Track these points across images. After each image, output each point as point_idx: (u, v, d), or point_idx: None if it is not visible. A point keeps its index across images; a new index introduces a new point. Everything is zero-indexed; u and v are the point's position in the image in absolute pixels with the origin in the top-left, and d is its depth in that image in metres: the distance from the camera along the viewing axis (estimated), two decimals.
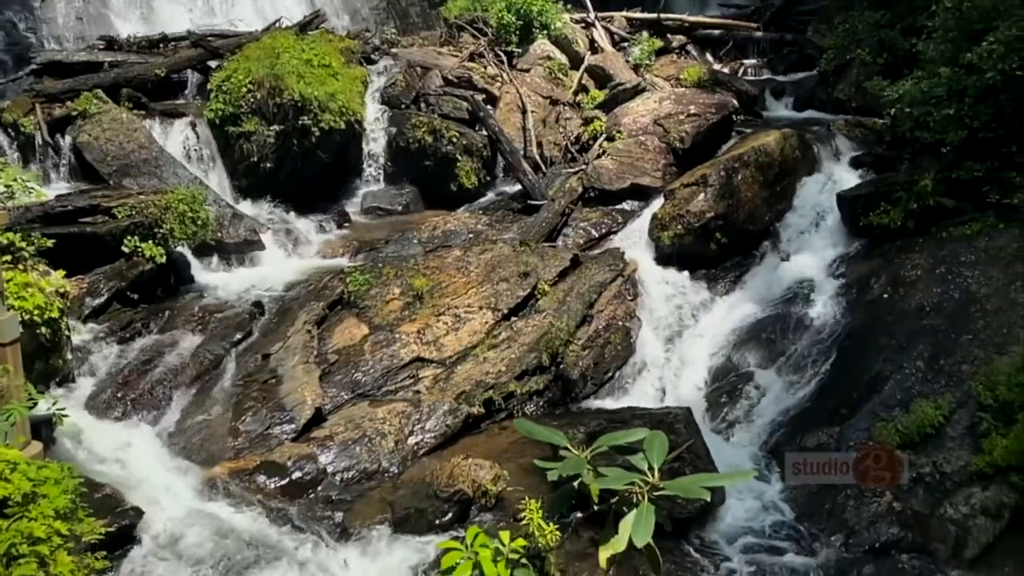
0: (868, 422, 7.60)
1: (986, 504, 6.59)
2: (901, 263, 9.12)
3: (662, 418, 7.77)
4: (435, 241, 11.04)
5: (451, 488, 6.89)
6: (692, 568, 6.36)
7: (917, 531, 6.56)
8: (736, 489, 7.38)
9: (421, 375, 8.77)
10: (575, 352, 9.42)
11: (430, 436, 8.04)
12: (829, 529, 6.77)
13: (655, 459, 3.13)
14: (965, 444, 7.02)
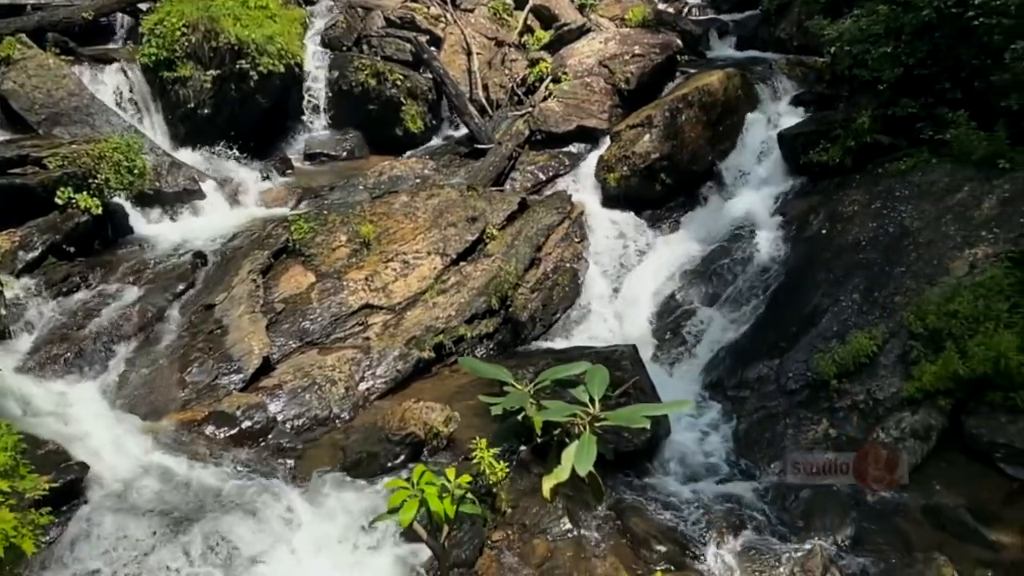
0: (806, 354, 7.82)
1: (915, 427, 6.86)
2: (839, 199, 9.28)
3: (608, 355, 7.87)
4: (381, 187, 10.85)
5: (403, 431, 6.91)
6: (639, 498, 6.52)
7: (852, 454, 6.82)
8: (682, 422, 7.56)
9: (370, 322, 8.71)
10: (524, 295, 9.45)
11: (381, 381, 8.03)
12: (769, 456, 7.00)
13: (596, 391, 3.15)
14: (897, 372, 7.28)
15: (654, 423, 7.23)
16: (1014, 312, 7.06)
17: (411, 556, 5.61)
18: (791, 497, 6.46)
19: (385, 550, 5.74)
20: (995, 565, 5.60)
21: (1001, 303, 7.10)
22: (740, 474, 6.93)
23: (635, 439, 7.01)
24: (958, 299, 7.26)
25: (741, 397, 7.86)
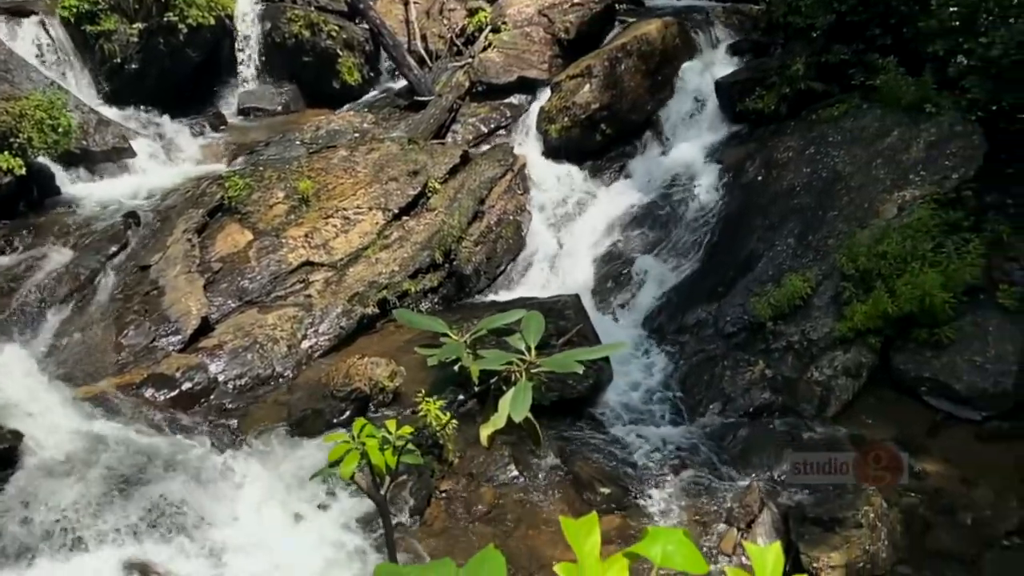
0: (743, 298, 7.94)
1: (847, 365, 7.06)
2: (774, 146, 9.36)
3: (552, 306, 7.87)
4: (319, 141, 10.55)
5: (348, 387, 6.83)
6: (584, 443, 6.60)
7: (786, 394, 7.00)
8: (625, 368, 7.63)
9: (311, 279, 8.53)
10: (468, 248, 9.36)
11: (324, 339, 7.91)
12: (708, 398, 7.13)
13: (532, 339, 3.08)
14: (829, 312, 7.45)
15: (597, 370, 7.30)
16: (938, 252, 7.26)
17: (357, 510, 5.58)
18: (730, 436, 6.61)
19: (333, 506, 5.70)
20: (920, 492, 5.84)
21: (927, 243, 7.29)
22: (681, 416, 7.05)
23: (579, 386, 7.06)
24: (887, 241, 7.43)
25: (681, 342, 7.97)
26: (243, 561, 5.19)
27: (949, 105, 8.47)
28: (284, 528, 5.48)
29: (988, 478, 5.91)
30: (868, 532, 5.19)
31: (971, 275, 7.08)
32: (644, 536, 1.49)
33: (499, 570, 1.50)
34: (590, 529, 1.49)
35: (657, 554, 1.48)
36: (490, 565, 1.50)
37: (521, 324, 3.46)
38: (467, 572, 1.48)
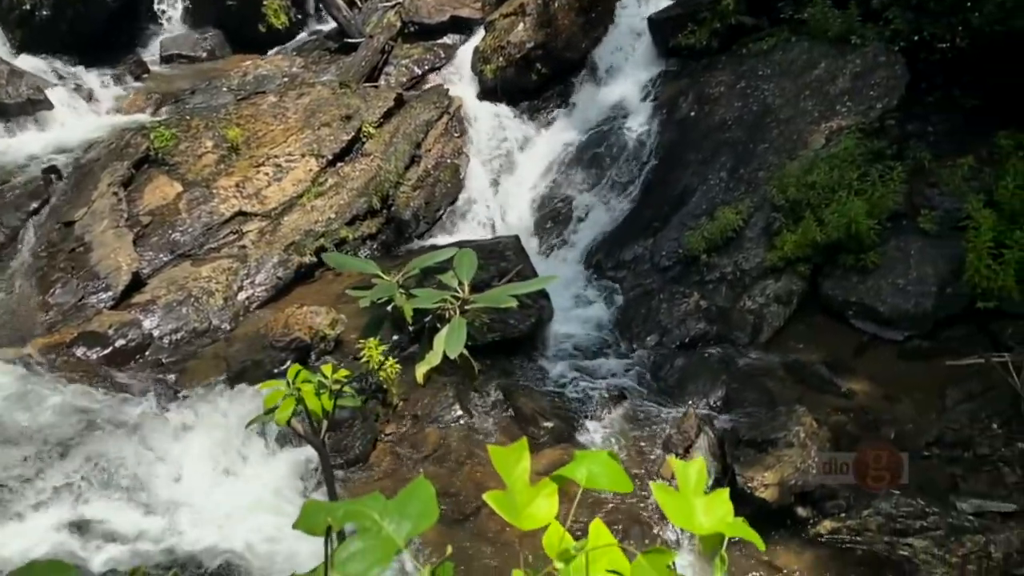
0: (678, 232, 8.01)
1: (778, 293, 7.23)
2: (706, 81, 9.35)
3: (492, 247, 7.82)
4: (247, 88, 10.15)
5: (287, 337, 6.71)
6: (527, 380, 6.64)
7: (720, 324, 7.14)
8: (564, 306, 7.67)
9: (245, 229, 8.29)
10: (406, 193, 9.20)
11: (261, 289, 7.73)
12: (646, 331, 7.23)
13: (464, 275, 3.02)
14: (761, 243, 7.58)
15: (538, 309, 7.31)
16: (863, 180, 7.41)
17: (302, 458, 5.54)
18: (667, 366, 6.73)
19: (279, 455, 5.64)
20: (848, 410, 6.06)
21: (853, 172, 7.43)
22: (620, 349, 7.15)
23: (520, 325, 7.07)
24: (815, 171, 7.54)
25: (619, 277, 8.03)
26: (188, 515, 5.11)
27: (873, 36, 8.55)
28: (229, 480, 5.41)
29: (910, 394, 6.16)
30: (799, 451, 5.37)
31: (894, 202, 7.26)
32: (572, 460, 1.48)
33: (428, 499, 1.47)
34: (519, 456, 1.47)
35: (583, 476, 1.47)
36: (420, 495, 1.47)
37: (454, 262, 3.41)
38: (396, 503, 1.45)
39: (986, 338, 6.45)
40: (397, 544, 1.41)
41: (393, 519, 1.44)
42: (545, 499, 1.44)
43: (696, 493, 1.42)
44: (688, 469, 1.45)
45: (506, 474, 1.47)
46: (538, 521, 1.42)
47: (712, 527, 1.37)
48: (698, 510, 1.42)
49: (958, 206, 7.09)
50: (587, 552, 1.40)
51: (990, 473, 5.36)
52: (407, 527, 1.43)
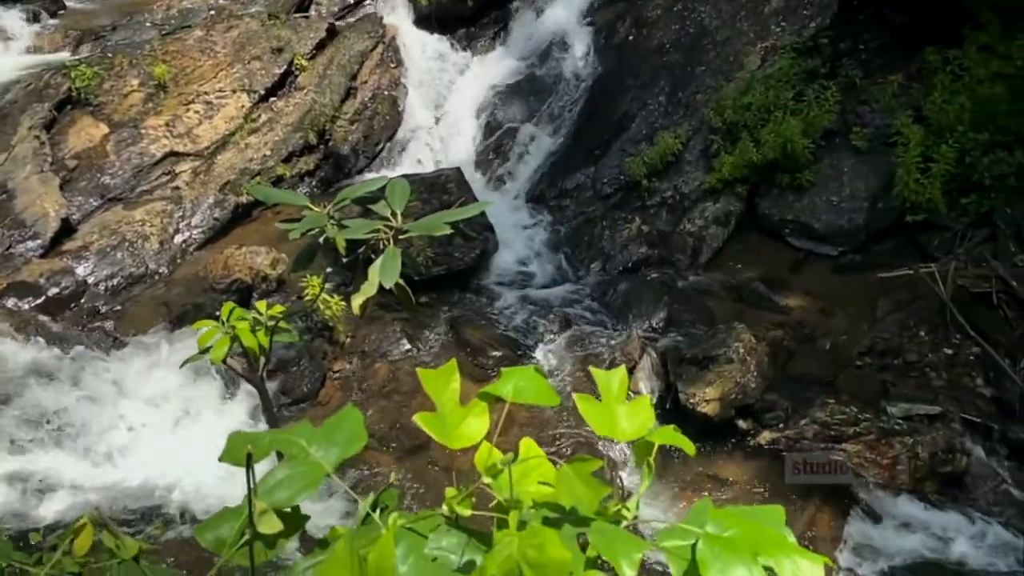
0: (618, 159, 7.97)
1: (717, 215, 7.29)
2: (643, 4, 9.16)
3: (434, 181, 7.68)
4: (171, 22, 9.60)
5: (228, 278, 6.54)
6: (473, 311, 6.63)
7: (662, 247, 7.18)
8: (508, 236, 7.62)
9: (178, 170, 7.97)
10: (343, 127, 8.93)
11: (198, 231, 7.48)
12: (589, 258, 7.24)
13: (397, 204, 2.91)
14: (700, 166, 7.60)
15: (483, 241, 7.26)
16: (798, 100, 7.43)
17: (248, 399, 5.47)
18: (611, 291, 6.77)
19: (225, 397, 5.55)
20: (785, 325, 6.20)
21: (788, 92, 7.44)
22: (565, 277, 7.16)
23: (465, 258, 7.02)
24: (751, 92, 7.53)
25: (562, 206, 7.99)
26: (133, 463, 5.02)
27: None
28: (174, 426, 5.31)
29: (843, 307, 6.33)
30: (739, 366, 5.50)
31: (828, 120, 7.31)
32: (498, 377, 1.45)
33: (357, 425, 1.43)
34: (448, 378, 1.43)
35: (509, 391, 1.45)
36: (348, 421, 1.43)
37: (386, 191, 3.31)
38: (324, 430, 1.41)
39: (915, 250, 6.63)
40: (325, 469, 1.37)
41: (321, 446, 1.40)
42: (475, 418, 1.41)
43: (618, 401, 1.41)
44: (610, 378, 1.43)
45: (436, 396, 1.44)
46: (469, 440, 1.39)
47: (634, 433, 1.35)
48: (620, 418, 1.40)
49: (888, 122, 7.19)
50: (511, 465, 1.38)
51: (918, 378, 5.58)
52: (335, 453, 1.39)
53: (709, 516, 1.16)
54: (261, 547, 1.41)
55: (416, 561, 1.36)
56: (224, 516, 1.46)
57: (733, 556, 1.10)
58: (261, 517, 1.38)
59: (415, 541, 1.37)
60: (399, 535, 1.37)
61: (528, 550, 1.18)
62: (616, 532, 1.24)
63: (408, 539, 1.37)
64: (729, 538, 1.14)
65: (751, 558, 1.08)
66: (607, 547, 1.20)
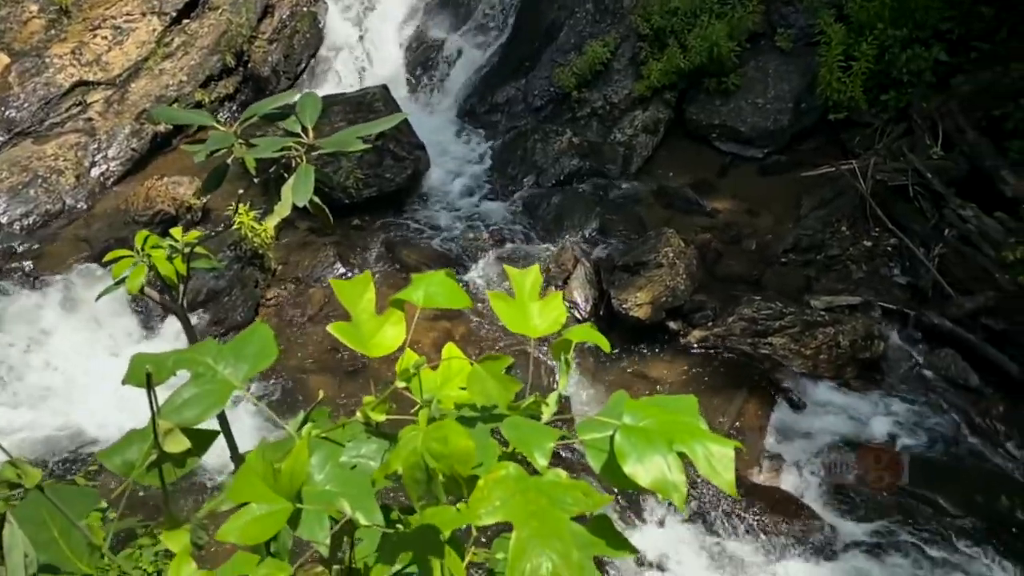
0: (548, 70, 7.80)
1: (646, 123, 7.24)
2: None
3: (360, 100, 7.40)
4: None
5: (150, 210, 6.28)
6: (408, 232, 6.52)
7: (593, 158, 7.13)
8: (440, 154, 7.47)
9: (89, 100, 7.51)
10: (262, 47, 8.49)
11: (115, 164, 7.12)
12: (522, 172, 7.15)
13: (308, 119, 2.77)
14: (628, 74, 7.49)
15: (414, 160, 7.10)
16: (724, 3, 7.34)
17: (176, 333, 5.33)
18: (544, 205, 6.73)
19: (154, 330, 5.40)
20: (713, 228, 6.29)
21: None
22: (498, 193, 7.07)
23: (397, 178, 6.87)
24: None
25: (493, 121, 7.83)
26: (62, 404, 4.87)
27: None
28: (102, 364, 5.15)
29: (769, 206, 6.43)
30: (668, 270, 5.56)
31: (753, 22, 7.25)
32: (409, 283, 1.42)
33: (266, 340, 1.38)
34: (363, 288, 1.39)
35: (420, 296, 1.41)
36: (256, 337, 1.38)
37: (297, 106, 3.16)
38: (232, 346, 1.36)
39: (837, 147, 6.74)
40: (233, 385, 1.33)
41: (228, 362, 1.35)
42: (392, 327, 1.38)
43: (531, 299, 1.39)
44: (524, 277, 1.41)
45: (351, 305, 1.40)
46: (387, 348, 1.36)
47: (546, 329, 1.34)
48: (533, 315, 1.39)
49: (812, 22, 7.16)
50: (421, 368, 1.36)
51: (839, 271, 5.75)
52: (244, 369, 1.34)
53: (625, 408, 1.16)
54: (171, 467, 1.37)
55: (332, 469, 1.34)
56: (130, 439, 1.41)
57: (649, 445, 1.10)
58: (167, 436, 1.33)
59: (332, 450, 1.35)
60: (315, 444, 1.34)
61: (432, 443, 1.17)
62: (528, 425, 1.23)
63: (324, 448, 1.35)
64: (645, 428, 1.14)
65: (666, 446, 1.09)
66: (520, 439, 1.19)
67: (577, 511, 1.12)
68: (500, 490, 1.13)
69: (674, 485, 1.01)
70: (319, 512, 1.26)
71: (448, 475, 1.18)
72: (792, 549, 4.21)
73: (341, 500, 1.26)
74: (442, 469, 1.17)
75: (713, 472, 1.03)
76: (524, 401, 1.29)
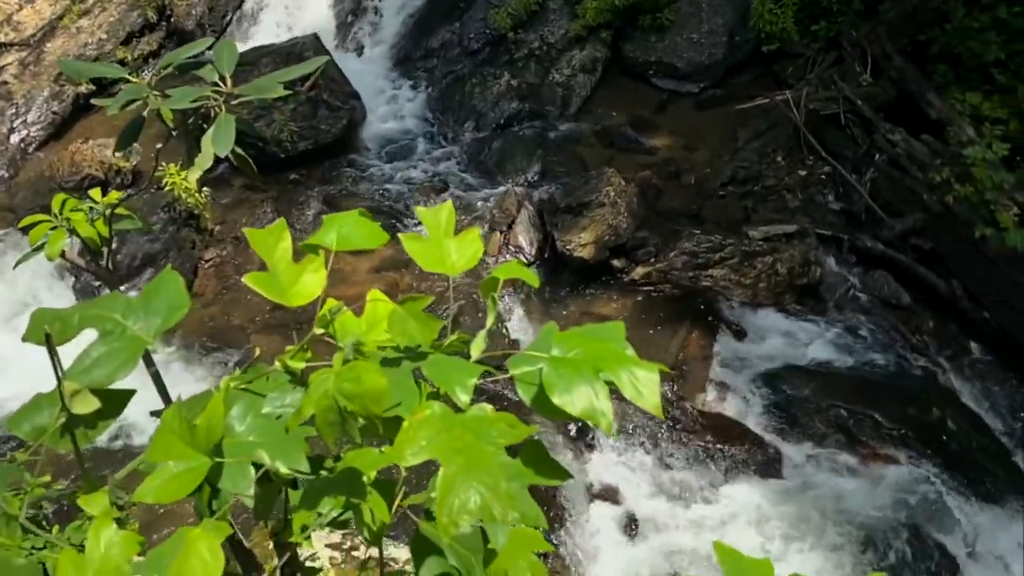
0: (483, 11, 7.59)
1: (584, 62, 7.14)
2: None
3: (290, 50, 7.11)
4: None
5: (77, 175, 6.01)
6: (347, 184, 6.37)
7: (532, 100, 7.00)
8: (377, 104, 7.27)
9: (2, 63, 7.09)
10: (184, 0, 8.09)
11: (36, 129, 6.76)
12: (462, 118, 6.99)
13: (225, 68, 2.63)
14: (564, 14, 7.34)
15: (349, 109, 6.90)
16: None
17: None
18: (485, 150, 6.62)
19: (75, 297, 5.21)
20: (652, 165, 6.28)
21: None
22: (438, 140, 6.93)
23: (333, 129, 6.68)
24: None
25: (429, 67, 7.62)
26: None
27: None
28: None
29: (706, 141, 6.44)
30: (610, 209, 5.55)
31: None
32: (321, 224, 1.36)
33: (176, 290, 1.32)
34: (278, 236, 1.33)
35: (333, 239, 1.36)
36: (166, 287, 1.31)
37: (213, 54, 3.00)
38: (140, 300, 1.29)
39: (771, 79, 6.75)
40: (145, 342, 1.26)
41: (138, 317, 1.28)
42: (311, 275, 1.33)
43: (446, 236, 1.35)
44: (436, 214, 1.36)
45: (267, 255, 1.34)
46: (306, 296, 1.32)
47: (464, 265, 1.30)
48: (450, 252, 1.35)
49: None
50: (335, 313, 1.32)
51: (775, 201, 5.82)
52: (156, 323, 1.27)
53: (553, 340, 1.13)
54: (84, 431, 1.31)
55: (254, 419, 1.30)
56: (38, 403, 1.34)
57: (576, 375, 1.09)
58: (74, 398, 1.27)
59: (252, 401, 1.31)
60: (235, 397, 1.30)
61: (344, 384, 1.14)
62: (450, 362, 1.20)
63: (245, 400, 1.31)
64: (572, 359, 1.12)
65: (593, 375, 1.08)
66: (441, 377, 1.17)
67: (504, 443, 1.10)
68: (426, 429, 1.11)
69: (602, 412, 1.00)
70: (241, 464, 1.23)
71: (364, 416, 1.15)
72: (738, 472, 4.33)
73: (259, 450, 1.23)
74: (356, 410, 1.14)
75: (639, 395, 1.02)
76: (447, 339, 1.26)
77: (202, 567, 1.08)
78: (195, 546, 1.09)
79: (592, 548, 3.98)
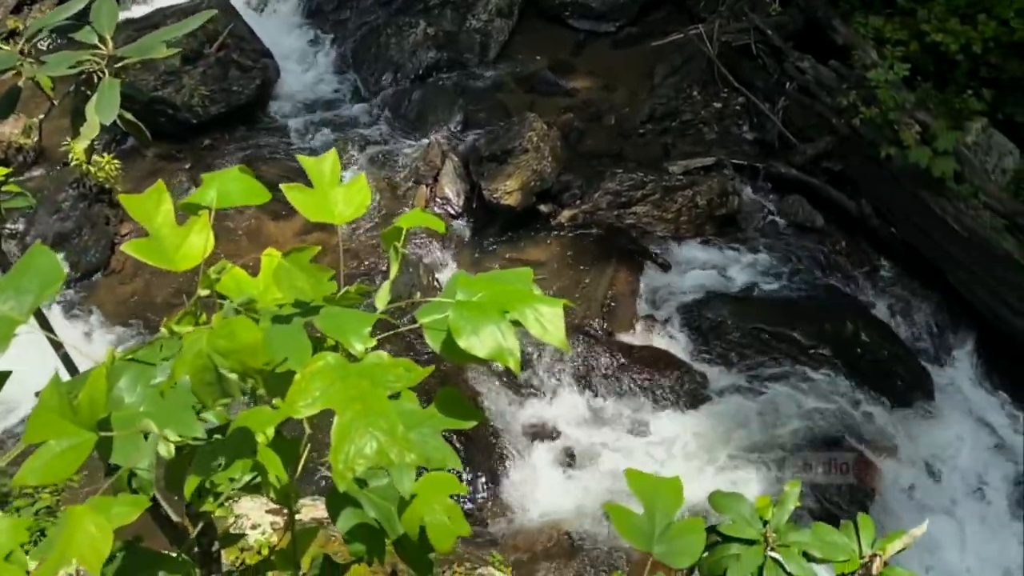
0: None
1: (500, 6, 6.97)
2: None
3: (196, 10, 6.76)
4: None
5: None
6: (265, 148, 6.15)
7: (450, 49, 6.82)
8: (290, 61, 6.98)
9: None
10: None
11: None
12: (379, 70, 6.77)
13: (105, 28, 2.45)
14: None
15: (261, 68, 6.63)
16: None
17: None
18: (405, 102, 6.45)
19: None
20: (573, 107, 6.24)
21: None
22: (356, 95, 6.71)
23: (245, 90, 6.41)
24: None
25: (343, 19, 7.33)
26: None
27: None
28: None
29: (624, 79, 6.41)
30: (534, 154, 5.50)
31: None
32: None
33: (48, 265, 1.23)
34: (158, 199, 1.25)
35: (212, 197, 1.30)
36: (37, 263, 1.23)
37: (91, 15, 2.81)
38: (9, 278, 1.20)
39: (684, 14, 6.73)
40: (17, 321, 1.18)
41: (8, 296, 1.20)
42: (196, 235, 1.26)
43: (331, 185, 1.30)
44: (320, 163, 1.31)
45: (147, 221, 1.26)
46: (194, 259, 1.25)
47: (352, 214, 1.25)
48: (336, 201, 1.30)
49: None
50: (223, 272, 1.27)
51: (693, 135, 5.86)
52: (28, 300, 1.19)
53: (459, 285, 1.11)
54: None
55: (144, 390, 1.24)
56: None
57: (483, 317, 1.07)
58: None
59: (141, 370, 1.25)
60: (122, 368, 1.24)
61: (219, 340, 1.10)
62: (344, 312, 1.16)
63: (133, 369, 1.25)
64: (478, 302, 1.10)
65: (499, 315, 1.06)
66: (335, 327, 1.13)
67: (400, 387, 1.08)
68: (319, 380, 1.07)
69: (509, 351, 0.99)
70: (132, 436, 1.18)
71: (242, 372, 1.11)
72: (668, 400, 4.43)
73: (146, 420, 1.18)
74: (232, 366, 1.10)
75: (544, 332, 1.02)
76: (342, 291, 1.22)
77: (89, 543, 1.04)
78: (80, 522, 1.04)
79: (533, 482, 4.05)
